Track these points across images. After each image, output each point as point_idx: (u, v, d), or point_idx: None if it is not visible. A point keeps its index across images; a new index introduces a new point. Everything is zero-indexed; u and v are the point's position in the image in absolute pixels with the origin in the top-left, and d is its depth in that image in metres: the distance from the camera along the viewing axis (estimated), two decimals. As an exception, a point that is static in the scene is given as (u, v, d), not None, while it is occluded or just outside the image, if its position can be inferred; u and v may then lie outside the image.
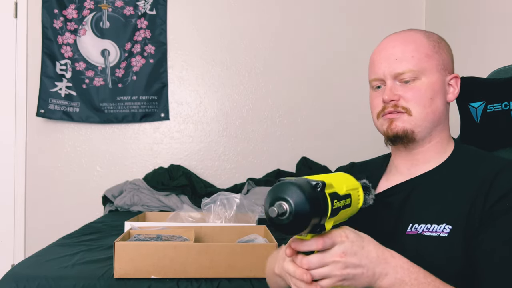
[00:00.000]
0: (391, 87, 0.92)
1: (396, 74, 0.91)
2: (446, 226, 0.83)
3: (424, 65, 0.91)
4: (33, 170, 3.00)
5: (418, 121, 0.91)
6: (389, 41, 0.96)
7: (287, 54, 3.13)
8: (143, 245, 1.39)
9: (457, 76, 0.96)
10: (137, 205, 2.72)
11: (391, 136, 0.92)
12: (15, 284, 1.37)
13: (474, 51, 2.54)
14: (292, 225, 0.67)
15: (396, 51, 0.92)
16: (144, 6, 3.04)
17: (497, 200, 0.81)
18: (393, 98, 0.91)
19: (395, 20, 3.16)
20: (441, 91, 0.93)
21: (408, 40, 0.93)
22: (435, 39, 0.95)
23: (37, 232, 2.96)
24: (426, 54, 0.92)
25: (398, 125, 0.91)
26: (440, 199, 0.88)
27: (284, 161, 3.09)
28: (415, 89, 0.90)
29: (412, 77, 0.90)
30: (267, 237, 1.62)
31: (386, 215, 0.91)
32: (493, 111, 1.48)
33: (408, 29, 0.99)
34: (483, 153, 0.96)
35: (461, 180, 0.88)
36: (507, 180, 0.83)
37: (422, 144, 0.94)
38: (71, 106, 2.99)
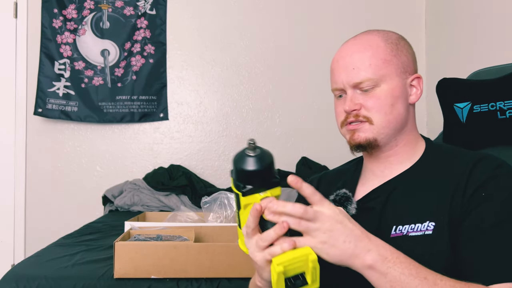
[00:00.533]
0: (351, 97, 0.91)
1: (354, 84, 0.91)
2: (429, 224, 0.84)
3: (382, 72, 0.90)
4: (33, 170, 3.00)
5: (380, 129, 0.91)
6: (346, 48, 0.94)
7: (287, 54, 3.13)
8: (143, 245, 1.39)
9: (419, 77, 0.95)
10: (137, 205, 2.72)
11: (354, 146, 0.93)
12: (15, 284, 1.37)
13: (474, 51, 2.54)
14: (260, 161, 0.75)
15: (353, 60, 0.91)
16: (144, 6, 3.04)
17: (474, 191, 0.83)
18: (354, 108, 0.91)
19: (395, 20, 3.16)
20: (402, 95, 0.92)
21: (365, 46, 0.92)
22: (393, 41, 0.93)
23: (37, 232, 2.96)
24: (384, 59, 0.90)
25: (360, 135, 0.92)
26: (420, 198, 0.88)
27: (284, 161, 3.08)
28: (375, 97, 0.90)
29: (371, 85, 0.90)
30: (267, 237, 1.62)
31: (368, 220, 0.90)
32: (480, 111, 1.50)
33: (366, 31, 0.96)
34: (454, 148, 0.96)
35: (437, 177, 0.89)
36: (482, 171, 0.84)
37: (389, 148, 0.94)
38: (69, 106, 2.99)
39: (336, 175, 1.07)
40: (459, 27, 2.71)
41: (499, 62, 1.66)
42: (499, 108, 1.44)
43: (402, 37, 0.97)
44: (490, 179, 0.83)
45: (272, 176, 0.78)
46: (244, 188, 0.78)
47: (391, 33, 0.96)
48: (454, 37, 2.77)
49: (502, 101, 1.43)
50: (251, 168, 0.76)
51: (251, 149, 0.77)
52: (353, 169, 1.04)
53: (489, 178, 0.83)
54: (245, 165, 0.77)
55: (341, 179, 1.03)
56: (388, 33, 0.95)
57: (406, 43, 0.96)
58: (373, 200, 0.93)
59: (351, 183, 1.00)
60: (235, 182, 0.80)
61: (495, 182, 0.83)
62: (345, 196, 0.94)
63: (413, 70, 0.95)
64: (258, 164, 0.76)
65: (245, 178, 0.78)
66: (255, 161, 0.76)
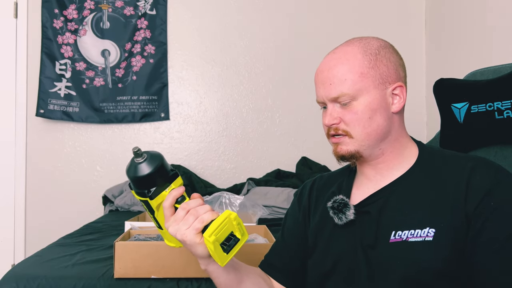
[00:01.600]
0: (330, 111, 0.93)
1: (331, 98, 0.92)
2: (429, 230, 0.84)
3: (358, 86, 0.89)
4: (33, 170, 3.00)
5: (360, 142, 0.91)
6: (325, 62, 0.95)
7: (287, 54, 3.14)
8: (143, 245, 1.39)
9: (401, 85, 0.93)
10: (137, 205, 2.72)
11: (338, 158, 0.95)
12: (15, 284, 1.37)
13: (473, 51, 2.54)
14: (151, 163, 0.82)
15: (330, 75, 0.92)
16: (144, 6, 3.05)
17: (480, 200, 0.83)
18: (333, 123, 0.93)
19: (395, 20, 3.16)
20: (382, 107, 0.91)
21: (342, 60, 0.91)
22: (372, 51, 0.92)
23: (37, 232, 2.97)
24: (361, 73, 0.90)
25: (342, 148, 0.93)
26: (418, 203, 0.88)
27: (284, 161, 3.09)
28: (352, 111, 0.90)
29: (348, 100, 0.90)
30: (267, 237, 1.62)
31: (366, 224, 0.92)
32: (477, 111, 1.51)
33: (348, 41, 0.96)
34: (446, 152, 0.96)
35: (433, 182, 0.89)
36: (482, 177, 0.85)
37: (375, 157, 0.94)
38: (71, 106, 2.99)
39: (329, 178, 1.08)
40: (459, 27, 2.71)
41: (495, 63, 1.67)
42: (496, 108, 1.45)
43: (386, 44, 0.95)
44: (494, 186, 0.83)
45: (168, 171, 0.85)
46: (149, 192, 0.84)
47: (373, 41, 0.94)
48: (454, 37, 2.77)
49: (500, 101, 1.44)
50: (146, 173, 0.82)
51: (138, 156, 0.83)
52: (347, 174, 1.04)
53: (493, 185, 0.83)
54: (139, 172, 0.82)
55: (335, 183, 1.04)
56: (370, 42, 0.94)
57: (388, 51, 0.94)
58: (370, 205, 0.93)
59: (346, 187, 1.00)
60: (138, 191, 0.85)
61: (501, 189, 0.83)
62: (343, 202, 0.94)
63: (395, 79, 0.93)
64: (150, 166, 0.82)
65: (145, 184, 0.84)
66: (146, 165, 0.82)
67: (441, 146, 1.71)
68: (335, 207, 0.94)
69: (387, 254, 0.87)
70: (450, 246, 0.82)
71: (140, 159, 0.83)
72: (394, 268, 0.85)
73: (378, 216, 0.91)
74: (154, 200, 0.86)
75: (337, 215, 0.93)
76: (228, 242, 0.85)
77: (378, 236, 0.89)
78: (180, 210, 0.86)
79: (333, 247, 0.96)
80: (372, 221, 0.91)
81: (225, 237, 0.85)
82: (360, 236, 0.91)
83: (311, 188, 1.08)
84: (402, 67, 0.95)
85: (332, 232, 0.96)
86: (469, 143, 1.56)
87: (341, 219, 0.93)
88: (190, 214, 0.85)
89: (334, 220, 0.94)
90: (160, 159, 0.84)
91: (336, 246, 0.95)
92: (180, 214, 0.85)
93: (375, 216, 0.91)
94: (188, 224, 0.84)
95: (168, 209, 0.86)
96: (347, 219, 0.92)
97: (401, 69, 0.95)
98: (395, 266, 0.85)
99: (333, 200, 0.96)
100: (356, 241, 0.91)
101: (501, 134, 1.47)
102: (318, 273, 0.98)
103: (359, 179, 1.00)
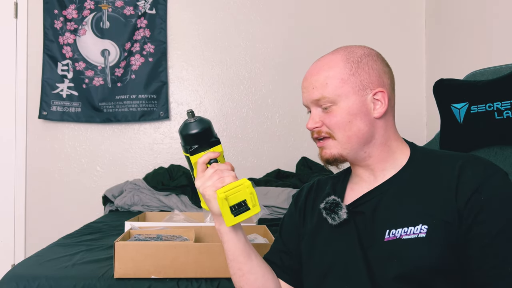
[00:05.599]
0: (313, 115, 0.97)
1: (313, 101, 0.96)
2: (422, 227, 0.86)
3: (338, 91, 0.93)
4: (33, 170, 3.00)
5: (343, 144, 0.95)
6: (310, 70, 0.99)
7: (287, 54, 3.14)
8: (143, 245, 1.39)
9: (382, 91, 0.95)
10: (137, 205, 2.72)
11: (323, 162, 0.99)
12: (15, 284, 1.37)
13: (473, 51, 2.54)
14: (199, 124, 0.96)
15: (313, 80, 0.96)
16: (144, 5, 3.05)
17: (470, 196, 0.85)
18: (315, 126, 0.97)
19: (395, 20, 3.16)
20: (362, 112, 0.94)
21: (325, 67, 0.96)
22: (355, 59, 0.95)
23: (37, 232, 2.97)
24: (341, 79, 0.94)
25: (326, 152, 0.97)
26: (410, 202, 0.90)
27: (284, 161, 3.09)
28: (332, 115, 0.94)
29: (329, 104, 0.94)
30: (267, 237, 1.62)
31: (360, 224, 0.94)
32: (477, 111, 1.51)
33: (334, 50, 1.00)
34: (437, 151, 0.99)
35: (425, 180, 0.91)
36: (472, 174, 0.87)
37: (362, 160, 0.97)
38: (73, 107, 3.00)
39: (327, 181, 1.10)
40: (459, 28, 2.71)
41: (495, 63, 1.67)
42: (496, 108, 1.45)
43: (371, 53, 0.98)
44: (483, 181, 0.85)
45: (212, 137, 0.99)
46: (191, 148, 0.98)
47: (358, 49, 0.97)
48: (454, 38, 2.77)
49: (500, 101, 1.44)
50: (192, 131, 0.97)
51: (190, 117, 0.98)
52: (343, 175, 1.07)
53: (482, 181, 0.85)
54: (188, 129, 0.97)
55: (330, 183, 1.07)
56: (354, 50, 0.97)
57: (371, 59, 0.96)
58: (363, 204, 0.95)
59: (340, 188, 1.03)
60: (183, 147, 1.00)
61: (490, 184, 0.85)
62: (335, 202, 0.97)
63: (376, 85, 0.95)
64: (197, 127, 0.97)
65: (189, 141, 0.98)
66: (194, 125, 0.97)
67: (441, 146, 1.71)
68: (327, 208, 0.97)
69: (383, 252, 0.88)
70: (443, 242, 0.84)
71: (191, 120, 0.97)
72: (390, 266, 0.87)
73: (372, 215, 0.93)
74: (193, 157, 0.99)
75: (330, 216, 0.96)
76: (238, 207, 0.94)
77: (373, 235, 0.91)
78: (210, 168, 0.97)
79: (330, 248, 0.97)
80: (366, 220, 0.93)
81: (237, 202, 0.94)
82: (356, 236, 0.93)
83: (309, 191, 1.11)
84: (387, 75, 0.98)
85: (328, 233, 0.98)
86: (469, 143, 1.56)
87: (334, 219, 0.95)
88: (215, 173, 0.95)
89: (328, 221, 0.97)
90: (208, 123, 0.98)
91: (333, 247, 0.97)
92: (208, 171, 0.96)
93: (369, 216, 0.93)
94: (211, 181, 0.95)
95: (201, 165, 0.98)
96: (340, 219, 0.94)
97: (385, 76, 0.97)
98: (390, 264, 0.87)
99: (325, 201, 0.99)
100: (352, 241, 0.93)
101: (501, 134, 1.47)
102: (316, 273, 1.00)
103: (354, 180, 1.03)
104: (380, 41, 2.99)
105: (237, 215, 0.95)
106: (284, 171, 3.01)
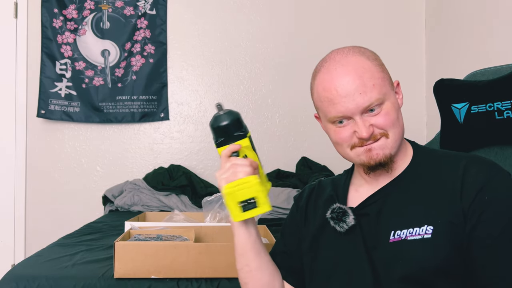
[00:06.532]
0: (364, 122, 0.89)
1: (364, 108, 0.89)
2: (427, 228, 0.85)
3: (384, 89, 0.90)
4: (33, 170, 3.00)
5: (394, 142, 0.91)
6: (340, 76, 0.90)
7: (287, 54, 3.13)
8: (143, 245, 1.39)
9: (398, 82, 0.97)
10: (137, 205, 2.72)
11: (373, 165, 0.92)
12: (15, 284, 1.37)
13: (474, 50, 2.54)
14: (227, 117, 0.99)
15: (355, 85, 0.88)
16: (144, 6, 3.05)
17: (475, 196, 0.84)
18: (371, 131, 0.90)
19: (395, 20, 3.16)
20: (398, 106, 0.95)
21: (359, 70, 0.90)
22: (373, 57, 0.94)
23: (37, 232, 2.96)
24: (381, 77, 0.91)
25: (379, 153, 0.91)
26: (415, 202, 0.89)
27: (284, 161, 3.09)
28: (383, 114, 0.90)
29: (379, 104, 0.90)
30: (267, 237, 1.62)
31: (365, 226, 0.93)
32: (477, 111, 1.51)
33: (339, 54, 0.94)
34: (439, 151, 0.99)
35: (429, 181, 0.91)
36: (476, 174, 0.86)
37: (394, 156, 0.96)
38: (72, 106, 2.99)
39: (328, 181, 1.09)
40: (459, 28, 2.71)
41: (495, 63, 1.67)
42: (496, 108, 1.45)
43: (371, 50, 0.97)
44: (487, 181, 0.85)
45: (239, 130, 1.01)
46: (218, 140, 1.00)
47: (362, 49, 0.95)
48: (454, 38, 2.77)
49: (500, 101, 1.44)
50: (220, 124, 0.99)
51: (219, 110, 1.00)
52: (344, 178, 1.05)
53: (486, 181, 0.85)
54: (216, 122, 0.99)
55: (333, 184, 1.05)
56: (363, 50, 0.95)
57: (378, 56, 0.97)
58: (368, 206, 0.94)
59: (342, 189, 1.02)
60: (214, 139, 1.01)
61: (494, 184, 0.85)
62: (341, 210, 0.94)
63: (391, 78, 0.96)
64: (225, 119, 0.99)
65: (217, 133, 1.00)
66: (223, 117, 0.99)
67: (441, 146, 1.71)
68: (334, 217, 0.95)
69: (388, 254, 0.88)
70: (449, 243, 0.84)
71: (221, 112, 1.00)
72: (395, 268, 0.86)
73: (377, 217, 0.92)
74: (219, 149, 1.02)
75: (338, 224, 0.94)
76: (248, 203, 0.95)
77: (379, 237, 0.90)
78: (228, 161, 0.98)
79: (334, 250, 0.96)
80: (371, 222, 0.92)
81: (246, 198, 0.94)
82: (361, 238, 0.92)
83: (311, 192, 1.10)
84: None
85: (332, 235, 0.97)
86: (469, 143, 1.56)
87: (343, 227, 0.93)
88: (231, 167, 0.97)
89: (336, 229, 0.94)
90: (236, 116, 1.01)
91: (337, 249, 0.96)
92: (226, 164, 0.98)
93: (374, 218, 0.92)
94: (226, 174, 0.97)
95: (223, 158, 1.00)
96: (348, 226, 0.93)
97: None
98: (396, 265, 0.86)
99: (331, 209, 0.96)
100: (357, 243, 0.92)
101: (501, 135, 1.47)
102: (320, 275, 0.99)
103: (357, 180, 1.01)
104: (380, 41, 2.99)
105: (246, 211, 0.95)
106: (284, 171, 3.01)
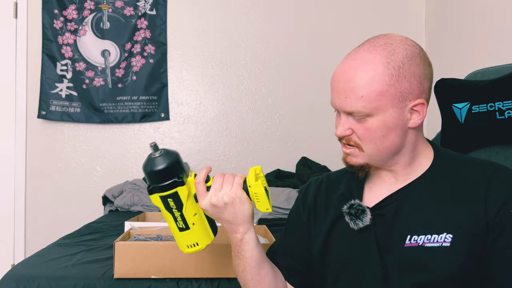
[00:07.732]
0: (343, 122, 0.88)
1: (345, 112, 0.87)
2: (447, 236, 0.83)
3: (374, 105, 0.83)
4: (33, 170, 3.00)
5: (371, 157, 0.89)
6: (343, 69, 0.87)
7: (287, 54, 3.13)
8: (143, 245, 1.39)
9: (422, 103, 0.86)
10: (137, 205, 2.72)
11: (347, 167, 0.93)
12: (15, 284, 1.37)
13: (473, 51, 2.54)
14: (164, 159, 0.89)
15: (347, 88, 0.84)
16: (144, 6, 3.04)
17: (499, 208, 0.82)
18: (345, 134, 0.88)
19: (395, 20, 3.16)
20: (398, 125, 0.86)
21: (361, 72, 0.83)
22: (396, 64, 0.83)
23: (37, 232, 2.96)
24: (379, 91, 0.83)
25: (352, 160, 0.91)
26: (434, 208, 0.87)
27: (284, 161, 3.09)
28: (365, 127, 0.85)
29: (363, 116, 0.85)
30: (267, 237, 1.62)
31: (379, 227, 0.90)
32: (478, 111, 1.51)
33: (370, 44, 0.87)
34: (461, 156, 0.94)
35: (450, 186, 0.88)
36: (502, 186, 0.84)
37: (388, 166, 0.92)
38: (72, 107, 2.99)
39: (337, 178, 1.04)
40: (459, 28, 2.71)
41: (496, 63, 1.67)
42: (497, 108, 1.45)
43: (414, 53, 0.86)
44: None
45: (176, 175, 0.92)
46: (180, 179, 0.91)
47: (400, 49, 0.85)
48: (454, 37, 2.77)
49: (501, 101, 1.44)
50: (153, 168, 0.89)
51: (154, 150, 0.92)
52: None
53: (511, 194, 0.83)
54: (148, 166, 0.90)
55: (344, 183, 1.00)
56: (395, 50, 0.85)
57: (414, 63, 0.85)
58: (384, 207, 0.91)
59: (357, 188, 0.97)
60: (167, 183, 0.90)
61: None
62: (361, 208, 0.90)
63: (417, 95, 0.85)
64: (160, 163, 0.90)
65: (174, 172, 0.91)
66: (157, 161, 0.90)
67: (442, 146, 1.70)
68: (352, 213, 0.91)
69: (403, 258, 0.86)
70: (467, 253, 0.82)
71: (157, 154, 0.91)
72: (408, 273, 0.84)
73: (393, 219, 0.89)
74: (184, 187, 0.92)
75: (354, 221, 0.90)
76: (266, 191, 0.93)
77: (393, 240, 0.88)
78: (217, 178, 0.93)
79: (345, 249, 0.94)
80: (386, 224, 0.89)
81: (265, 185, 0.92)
82: (374, 239, 0.89)
83: (319, 188, 1.05)
84: (427, 77, 0.87)
85: (344, 233, 0.94)
86: (470, 143, 1.56)
87: (358, 224, 0.90)
88: (228, 176, 0.92)
89: (350, 225, 0.92)
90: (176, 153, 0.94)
91: (348, 248, 0.93)
92: (218, 181, 0.92)
93: (390, 219, 0.89)
94: (230, 183, 0.91)
95: (202, 183, 0.93)
96: (363, 224, 0.89)
97: (426, 81, 0.87)
98: (409, 271, 0.84)
99: (349, 205, 0.92)
100: (370, 243, 0.89)
101: (502, 134, 1.47)
102: (328, 273, 0.97)
103: (372, 179, 0.97)
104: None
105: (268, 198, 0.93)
106: (284, 171, 3.01)
